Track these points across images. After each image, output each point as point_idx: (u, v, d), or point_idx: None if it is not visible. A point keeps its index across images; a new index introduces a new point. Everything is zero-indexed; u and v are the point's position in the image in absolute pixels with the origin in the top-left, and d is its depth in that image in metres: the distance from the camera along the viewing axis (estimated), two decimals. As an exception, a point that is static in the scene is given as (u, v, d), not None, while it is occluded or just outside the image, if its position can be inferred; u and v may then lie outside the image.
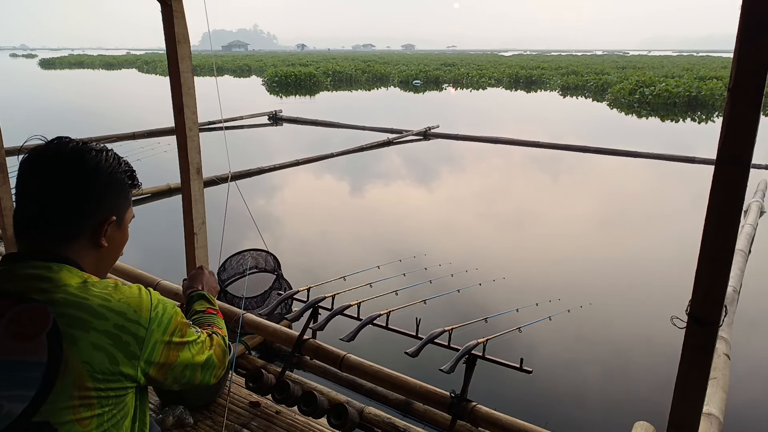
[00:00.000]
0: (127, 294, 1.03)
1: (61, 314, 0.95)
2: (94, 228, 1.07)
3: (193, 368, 1.15)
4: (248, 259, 3.56)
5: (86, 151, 1.06)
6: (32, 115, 15.33)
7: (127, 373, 0.99)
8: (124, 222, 1.14)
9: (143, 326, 1.02)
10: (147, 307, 1.04)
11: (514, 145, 11.35)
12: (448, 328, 2.42)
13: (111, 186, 1.08)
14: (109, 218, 1.09)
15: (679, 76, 23.99)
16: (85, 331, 0.95)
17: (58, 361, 0.92)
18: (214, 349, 1.22)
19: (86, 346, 0.94)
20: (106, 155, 1.08)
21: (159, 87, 28.30)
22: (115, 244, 1.13)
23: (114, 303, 1.00)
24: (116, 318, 0.99)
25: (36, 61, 63.45)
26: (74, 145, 1.06)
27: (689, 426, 1.46)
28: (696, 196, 7.43)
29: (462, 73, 34.49)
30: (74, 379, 0.92)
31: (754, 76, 1.14)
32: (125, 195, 1.13)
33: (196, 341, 1.17)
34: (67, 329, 0.94)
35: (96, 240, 1.08)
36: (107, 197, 1.08)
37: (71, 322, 0.95)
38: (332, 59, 50.25)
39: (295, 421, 2.43)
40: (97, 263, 1.10)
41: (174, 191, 7.01)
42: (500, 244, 5.92)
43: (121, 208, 1.12)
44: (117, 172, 1.09)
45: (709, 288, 1.30)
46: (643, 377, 3.43)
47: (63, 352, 0.92)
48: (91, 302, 0.98)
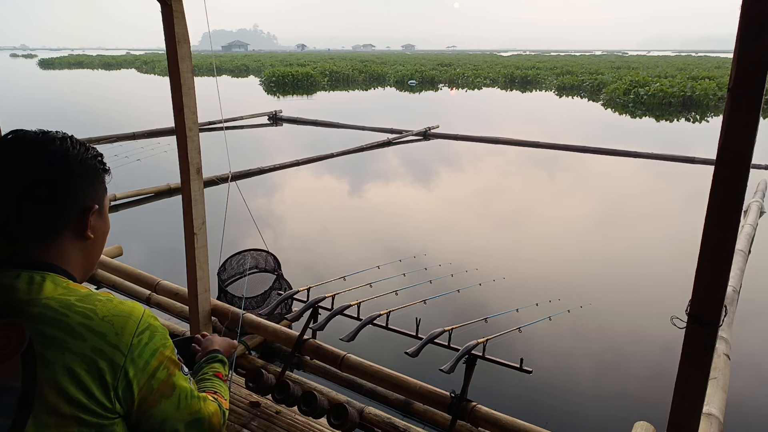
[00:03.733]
0: (115, 312, 0.91)
1: (38, 332, 0.85)
2: (78, 220, 0.99)
3: (174, 428, 0.97)
4: (248, 259, 3.56)
5: (49, 140, 0.96)
6: (32, 116, 15.35)
7: (106, 406, 0.87)
8: (105, 210, 1.07)
9: (121, 352, 0.88)
10: (131, 331, 0.90)
11: (514, 146, 11.36)
12: (448, 328, 2.42)
13: (86, 174, 0.99)
14: (92, 207, 1.00)
15: (672, 76, 24.03)
16: (60, 353, 0.84)
17: (32, 386, 0.82)
18: (210, 415, 1.03)
19: (60, 371, 0.84)
20: (72, 142, 0.99)
21: (158, 87, 28.30)
22: (101, 234, 1.05)
23: (96, 322, 0.88)
24: (95, 340, 0.87)
25: (35, 62, 63.39)
26: (34, 136, 0.97)
27: (689, 426, 1.46)
28: (696, 196, 7.44)
29: (458, 73, 34.51)
30: (50, 406, 0.83)
31: (754, 76, 1.14)
32: (100, 181, 1.04)
33: (190, 394, 1.00)
34: (41, 350, 0.84)
35: (82, 233, 0.99)
36: (84, 187, 0.99)
37: (47, 342, 0.85)
38: (330, 59, 50.21)
39: (295, 421, 2.43)
40: (84, 259, 1.02)
41: (174, 191, 7.01)
42: (500, 244, 5.93)
43: (100, 196, 1.04)
44: (87, 158, 1.00)
45: (709, 288, 1.30)
46: (643, 377, 3.43)
47: (37, 377, 0.83)
48: (70, 320, 0.87)
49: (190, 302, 2.87)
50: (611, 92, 21.37)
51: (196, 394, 1.02)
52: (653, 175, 9.32)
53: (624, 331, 4.00)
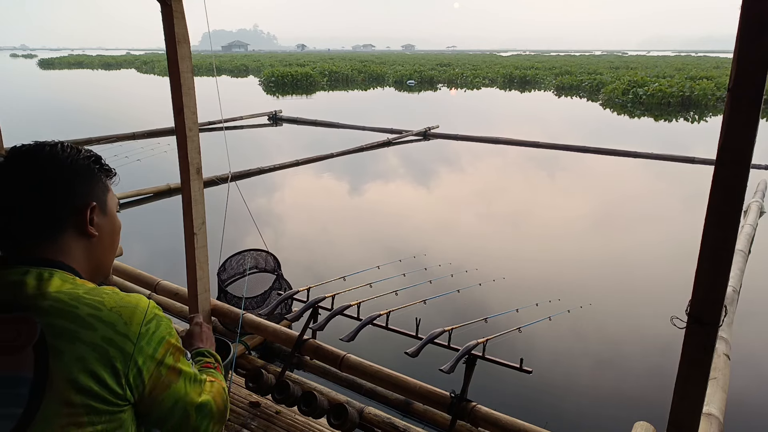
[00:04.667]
0: (122, 303, 0.96)
1: (49, 324, 0.89)
2: (76, 218, 1.03)
3: (185, 409, 1.02)
4: (248, 260, 3.56)
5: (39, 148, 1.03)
6: (32, 116, 15.34)
7: (116, 392, 0.91)
8: (109, 208, 1.10)
9: (131, 341, 0.93)
10: (138, 320, 0.95)
11: (514, 146, 11.35)
12: (448, 328, 2.42)
13: (77, 172, 1.04)
14: (89, 204, 1.04)
15: (670, 76, 24.04)
16: (71, 343, 0.89)
17: (44, 376, 0.86)
18: (213, 396, 1.09)
19: (71, 361, 0.88)
20: (62, 146, 1.04)
21: (158, 87, 28.29)
22: (106, 232, 1.09)
23: (105, 312, 0.93)
24: (105, 330, 0.91)
25: (35, 62, 63.39)
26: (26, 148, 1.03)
27: (689, 426, 1.46)
28: (696, 196, 7.43)
29: (456, 73, 34.47)
30: (61, 396, 0.86)
31: (754, 76, 1.14)
32: (97, 179, 1.07)
33: (194, 377, 1.06)
34: (53, 341, 0.88)
35: (83, 230, 1.03)
36: (76, 185, 1.03)
37: (58, 333, 0.89)
38: (329, 59, 50.19)
39: (295, 421, 2.43)
40: (91, 257, 1.06)
41: (174, 191, 7.01)
42: (500, 244, 5.92)
43: (99, 194, 1.07)
44: (78, 159, 1.05)
45: (709, 288, 1.30)
46: (643, 377, 3.43)
47: (49, 367, 0.87)
48: (80, 311, 0.91)
49: (190, 302, 2.88)
50: (610, 92, 21.37)
51: (200, 378, 1.08)
52: (653, 175, 9.32)
53: (624, 331, 4.00)
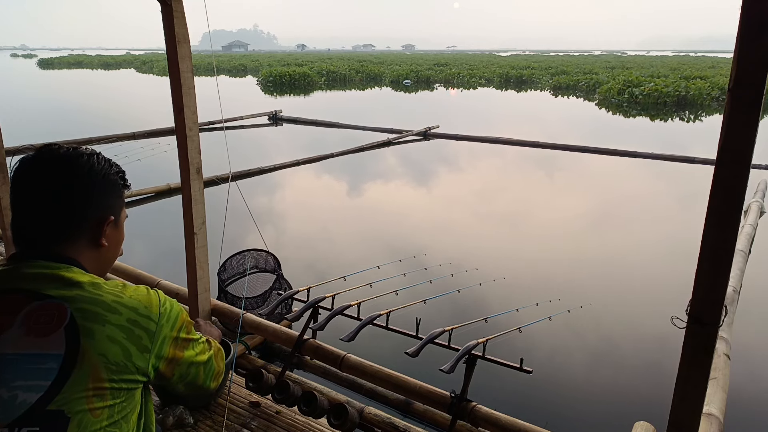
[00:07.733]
0: (136, 292, 1.09)
1: (78, 309, 0.99)
2: (94, 228, 1.11)
3: (197, 367, 1.20)
4: (248, 259, 3.56)
5: (78, 155, 1.10)
6: (32, 116, 15.33)
7: (139, 366, 1.03)
8: (120, 221, 1.20)
9: (154, 321, 1.07)
10: (156, 304, 1.09)
11: (514, 146, 11.35)
12: (448, 328, 2.42)
13: (106, 187, 1.13)
14: (108, 218, 1.13)
15: (664, 76, 24.04)
16: (101, 324, 0.99)
17: (75, 352, 0.96)
18: (214, 353, 1.28)
19: (102, 339, 0.98)
20: (98, 158, 1.13)
21: (157, 87, 28.27)
22: (114, 243, 1.18)
23: (126, 299, 1.05)
24: (129, 313, 1.03)
25: (35, 62, 63.36)
26: (65, 150, 1.10)
27: (689, 426, 1.46)
28: (696, 196, 7.44)
29: (453, 73, 34.44)
30: (90, 370, 0.96)
31: (754, 76, 1.14)
32: (119, 195, 1.18)
33: (199, 341, 1.23)
34: (84, 323, 0.98)
35: (96, 240, 1.12)
36: (104, 198, 1.13)
37: (88, 317, 0.99)
38: (328, 59, 50.18)
39: (295, 421, 2.43)
40: (98, 263, 1.15)
41: (174, 191, 6.99)
42: (500, 244, 5.92)
43: (117, 208, 1.17)
44: (110, 173, 1.14)
45: (709, 288, 1.30)
46: (643, 377, 3.43)
47: (80, 344, 0.96)
48: (105, 298, 1.02)
49: (190, 302, 2.88)
50: (605, 92, 21.37)
51: (203, 340, 1.25)
52: (653, 175, 9.32)
53: (624, 331, 4.00)
